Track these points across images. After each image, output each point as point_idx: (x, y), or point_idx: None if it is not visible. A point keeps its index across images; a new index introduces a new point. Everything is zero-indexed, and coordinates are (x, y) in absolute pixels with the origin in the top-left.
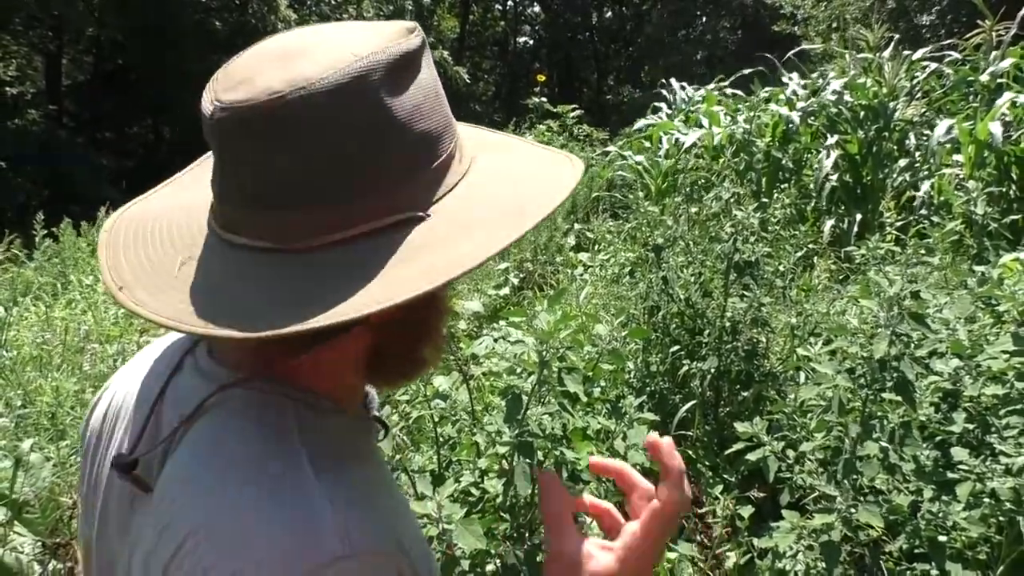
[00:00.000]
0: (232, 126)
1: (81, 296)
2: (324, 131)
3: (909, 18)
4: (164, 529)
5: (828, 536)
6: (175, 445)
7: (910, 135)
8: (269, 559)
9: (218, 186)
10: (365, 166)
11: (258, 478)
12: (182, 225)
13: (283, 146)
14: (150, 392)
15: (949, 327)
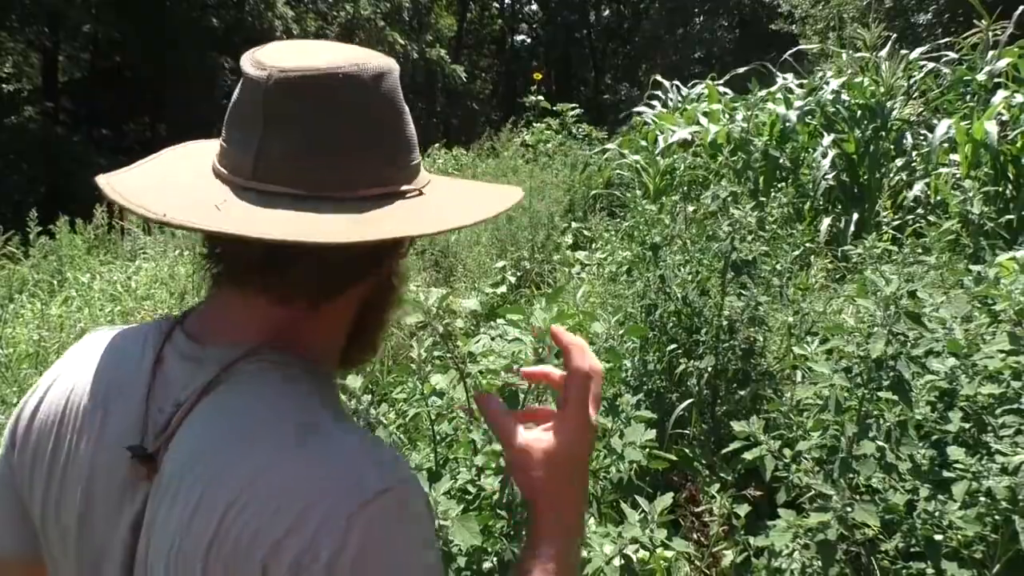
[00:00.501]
0: (288, 89)
1: (77, 293)
2: (367, 104)
3: (906, 17)
4: (197, 506)
5: (824, 535)
6: (178, 427)
7: (907, 134)
8: (317, 508)
9: (255, 143)
10: (390, 139)
11: (288, 437)
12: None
13: (333, 110)
14: (131, 388)
15: (945, 326)
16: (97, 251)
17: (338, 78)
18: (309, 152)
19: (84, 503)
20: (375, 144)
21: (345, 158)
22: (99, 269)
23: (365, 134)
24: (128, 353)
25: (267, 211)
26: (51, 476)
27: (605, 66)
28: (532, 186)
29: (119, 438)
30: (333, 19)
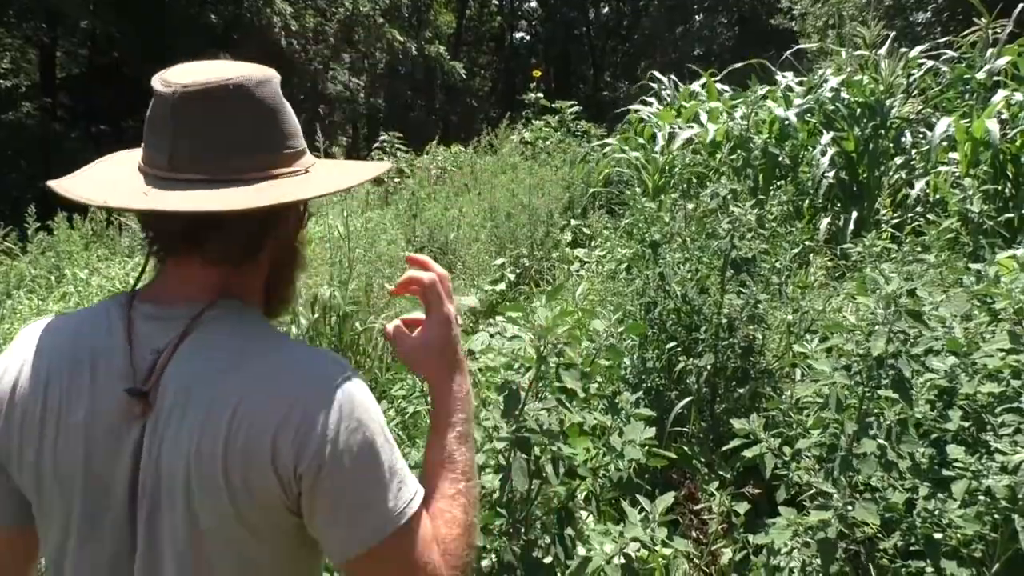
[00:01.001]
0: (189, 100)
1: (75, 289)
2: (251, 107)
3: (905, 15)
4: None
5: (824, 533)
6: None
7: (906, 133)
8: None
9: (168, 144)
10: (272, 133)
11: (263, 354)
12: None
13: (224, 114)
14: (108, 351)
15: (945, 325)
16: (95, 247)
17: (228, 89)
18: (209, 148)
19: (86, 446)
20: (259, 138)
21: (236, 150)
22: (97, 265)
23: (251, 130)
24: (95, 325)
25: (180, 193)
26: (43, 436)
27: (604, 63)
28: (531, 183)
29: (111, 388)
30: (332, 15)
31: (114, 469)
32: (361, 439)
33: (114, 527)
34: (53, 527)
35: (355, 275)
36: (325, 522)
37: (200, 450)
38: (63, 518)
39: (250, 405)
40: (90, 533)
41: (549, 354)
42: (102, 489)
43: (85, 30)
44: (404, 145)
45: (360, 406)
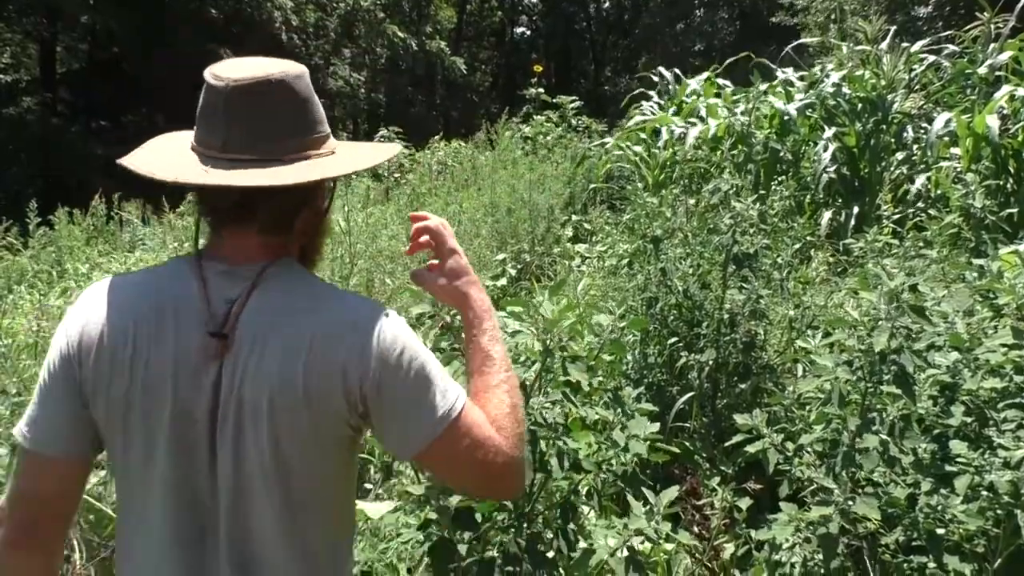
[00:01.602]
0: (239, 93)
1: (76, 284)
2: (292, 98)
3: (907, 10)
4: (285, 351)
5: (826, 528)
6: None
7: (908, 128)
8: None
9: (222, 129)
10: (306, 120)
11: (324, 298)
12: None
13: (268, 104)
14: (187, 301)
15: (947, 320)
16: (96, 242)
17: (271, 83)
18: (256, 133)
19: (173, 381)
20: (296, 124)
21: (278, 135)
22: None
23: (290, 118)
24: (173, 280)
25: (235, 171)
26: (134, 374)
27: (605, 58)
28: (532, 179)
29: (192, 332)
30: (332, 10)
31: (197, 400)
32: (409, 358)
33: (197, 449)
34: (134, 452)
35: (356, 270)
36: (393, 426)
37: (282, 378)
38: (147, 444)
39: (323, 340)
40: (176, 455)
41: (555, 347)
42: (186, 417)
43: (85, 25)
44: (405, 140)
45: (404, 334)
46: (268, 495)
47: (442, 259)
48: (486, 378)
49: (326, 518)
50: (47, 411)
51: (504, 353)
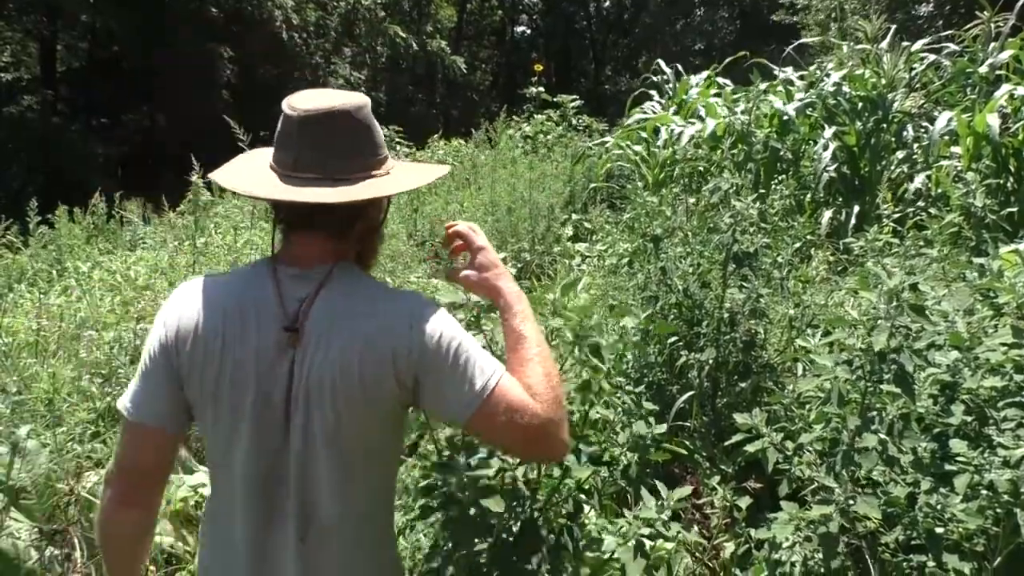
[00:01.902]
0: (308, 122)
1: (77, 283)
2: (353, 126)
3: (907, 9)
4: (347, 342)
5: (826, 528)
6: (308, 311)
7: (908, 127)
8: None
9: (294, 151)
10: (367, 145)
11: (382, 298)
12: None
13: (333, 132)
14: (265, 299)
15: (948, 319)
16: (96, 240)
17: (335, 114)
18: (322, 156)
19: (256, 368)
20: (358, 148)
21: (342, 158)
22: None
23: (351, 143)
24: (252, 284)
25: (305, 188)
26: (223, 362)
27: (605, 57)
28: (532, 178)
29: (269, 327)
30: (333, 9)
31: (274, 385)
32: (447, 341)
33: (274, 427)
34: (222, 430)
35: None
36: (440, 402)
37: (343, 365)
38: (233, 423)
39: (376, 335)
40: (257, 431)
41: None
42: (267, 400)
43: (85, 24)
44: (405, 139)
45: (444, 321)
46: (327, 461)
47: (472, 256)
48: (520, 354)
49: (372, 483)
50: (148, 390)
51: (536, 331)
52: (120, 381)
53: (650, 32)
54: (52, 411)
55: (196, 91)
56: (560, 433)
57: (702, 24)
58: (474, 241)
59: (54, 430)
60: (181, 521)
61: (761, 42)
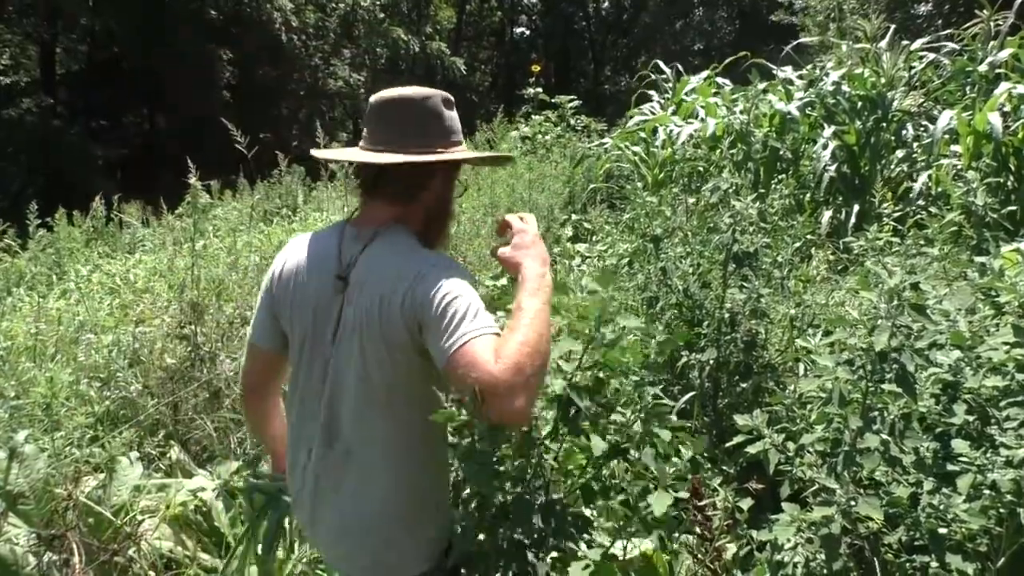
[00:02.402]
0: (381, 107)
1: (76, 286)
2: (419, 112)
3: (907, 8)
4: (376, 287)
5: (828, 529)
6: (354, 264)
7: (908, 126)
8: (423, 269)
9: (371, 128)
10: (435, 127)
11: (408, 252)
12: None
13: (402, 114)
14: (329, 253)
15: (949, 318)
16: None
17: (398, 102)
18: (393, 132)
19: (315, 305)
20: (422, 129)
21: (406, 135)
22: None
23: (417, 124)
24: (325, 240)
25: (375, 154)
26: (295, 298)
27: (604, 58)
28: (531, 178)
29: (328, 275)
30: (332, 11)
31: (327, 323)
32: (443, 297)
33: (323, 355)
34: (293, 356)
35: None
36: (432, 342)
37: (368, 309)
38: (299, 349)
39: (393, 285)
40: (312, 358)
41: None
42: (321, 333)
43: (85, 26)
44: None
45: (449, 280)
46: (354, 392)
47: (511, 238)
48: (512, 323)
49: (397, 414)
50: (258, 318)
51: (537, 305)
52: (119, 385)
53: (649, 32)
54: (50, 416)
55: (195, 93)
56: (510, 396)
57: (701, 24)
58: (513, 225)
59: (52, 434)
60: (180, 525)
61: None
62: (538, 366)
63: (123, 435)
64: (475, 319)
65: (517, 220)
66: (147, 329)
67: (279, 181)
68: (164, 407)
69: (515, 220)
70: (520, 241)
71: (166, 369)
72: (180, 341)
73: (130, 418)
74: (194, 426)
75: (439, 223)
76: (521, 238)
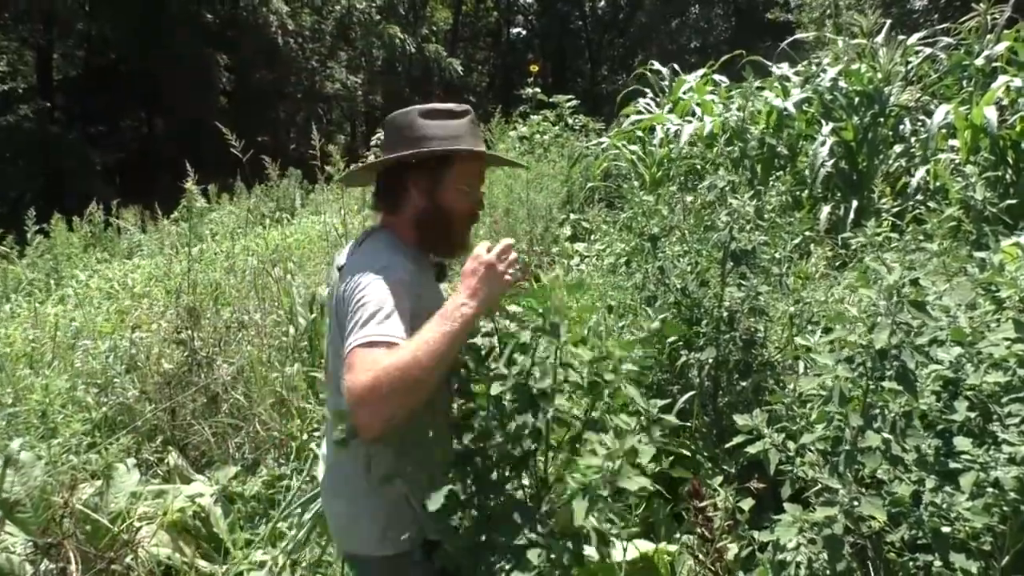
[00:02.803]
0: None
1: (74, 292)
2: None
3: (903, 3)
4: (344, 276)
5: (831, 529)
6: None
7: (905, 121)
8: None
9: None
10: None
11: (367, 254)
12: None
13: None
14: (343, 254)
15: (949, 314)
16: (94, 249)
17: (387, 120)
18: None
19: (331, 299)
20: (389, 140)
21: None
22: (96, 267)
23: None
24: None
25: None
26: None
27: (601, 57)
28: (529, 178)
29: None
30: (328, 13)
31: (333, 314)
32: (356, 301)
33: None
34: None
35: None
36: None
37: (333, 302)
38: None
39: (342, 280)
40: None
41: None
42: (336, 321)
43: (81, 32)
44: None
45: (368, 285)
46: (332, 370)
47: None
48: (408, 344)
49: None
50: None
51: (435, 332)
52: (116, 391)
53: (645, 31)
54: (46, 423)
55: (192, 97)
56: (356, 408)
57: (698, 22)
58: (474, 252)
59: (48, 442)
60: (178, 532)
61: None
62: (398, 388)
63: (120, 441)
64: (366, 326)
65: (482, 247)
66: (144, 335)
67: (276, 184)
68: (161, 412)
69: (480, 247)
70: (464, 267)
71: (163, 374)
72: (177, 346)
73: (127, 424)
74: (192, 431)
75: (437, 230)
76: (468, 264)
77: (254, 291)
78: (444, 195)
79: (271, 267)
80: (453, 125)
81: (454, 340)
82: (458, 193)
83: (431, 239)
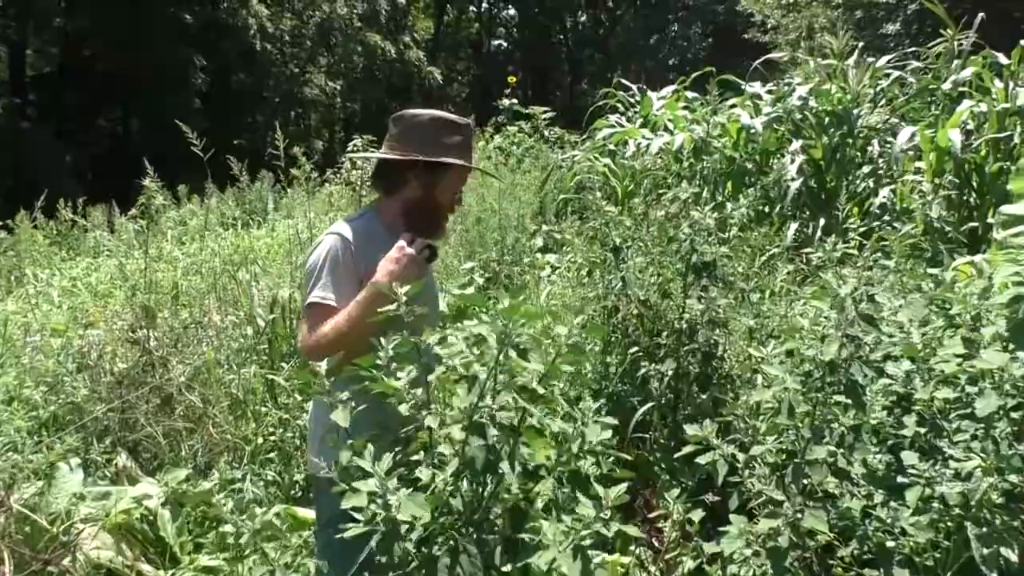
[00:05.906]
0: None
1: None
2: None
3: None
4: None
5: (775, 542)
6: None
7: (873, 141)
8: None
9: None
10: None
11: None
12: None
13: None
14: None
15: (903, 330)
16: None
17: (405, 115)
18: (387, 137)
19: None
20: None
21: (393, 139)
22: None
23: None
24: None
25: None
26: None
27: (581, 72)
28: (501, 188)
29: None
30: (309, 18)
31: None
32: (311, 263)
33: None
34: None
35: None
36: None
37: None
38: None
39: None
40: None
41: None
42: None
43: (57, 28)
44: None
45: (319, 249)
46: None
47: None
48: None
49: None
50: None
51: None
52: (64, 390)
53: (625, 47)
54: None
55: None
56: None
57: (676, 39)
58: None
59: None
60: (122, 534)
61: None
62: (331, 338)
63: (66, 441)
64: (318, 289)
65: (404, 240)
66: (97, 332)
67: (248, 187)
68: (112, 412)
69: (403, 239)
70: (387, 254)
71: (116, 374)
72: (131, 346)
73: (76, 423)
74: (144, 433)
75: (423, 217)
76: (392, 251)
77: (214, 292)
78: (437, 192)
79: (235, 269)
80: (459, 138)
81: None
82: (448, 192)
83: (419, 223)
